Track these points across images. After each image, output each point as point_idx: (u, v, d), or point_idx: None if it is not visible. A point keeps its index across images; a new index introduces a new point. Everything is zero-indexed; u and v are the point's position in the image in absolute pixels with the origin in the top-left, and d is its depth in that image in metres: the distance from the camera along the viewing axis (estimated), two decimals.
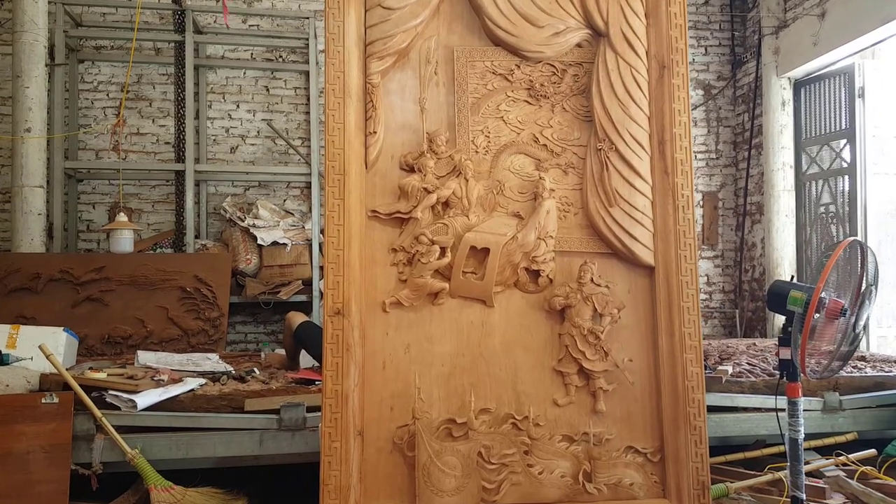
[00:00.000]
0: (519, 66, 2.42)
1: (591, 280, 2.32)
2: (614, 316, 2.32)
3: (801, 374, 2.30)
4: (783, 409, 2.60)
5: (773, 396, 3.12)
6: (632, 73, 2.38)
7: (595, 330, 2.30)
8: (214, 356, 4.02)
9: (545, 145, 2.41)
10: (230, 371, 3.54)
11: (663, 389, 2.32)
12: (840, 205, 5.04)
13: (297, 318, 3.76)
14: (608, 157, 2.35)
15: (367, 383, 2.27)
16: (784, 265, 5.33)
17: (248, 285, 5.12)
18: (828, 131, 5.24)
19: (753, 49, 5.78)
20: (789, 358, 2.29)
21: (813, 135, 5.37)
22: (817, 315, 2.17)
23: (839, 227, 5.02)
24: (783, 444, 3.11)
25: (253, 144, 5.83)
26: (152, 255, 4.99)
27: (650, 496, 2.28)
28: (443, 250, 2.30)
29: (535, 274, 2.36)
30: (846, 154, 5.01)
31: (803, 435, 2.31)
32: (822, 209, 5.28)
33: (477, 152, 2.39)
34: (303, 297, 5.26)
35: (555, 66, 2.44)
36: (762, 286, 5.68)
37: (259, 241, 5.19)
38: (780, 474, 2.77)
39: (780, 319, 5.35)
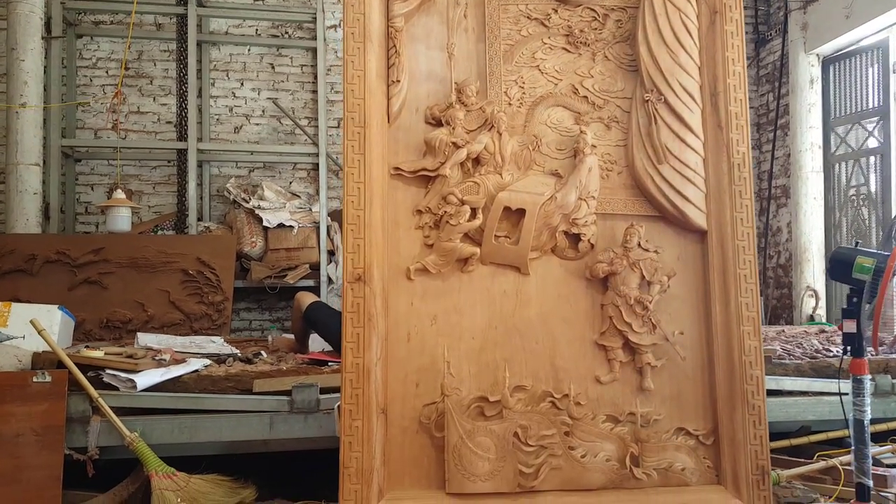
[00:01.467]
0: (556, 10, 2.20)
1: (639, 244, 2.10)
2: (664, 284, 2.10)
3: (869, 350, 2.09)
4: (830, 394, 2.39)
5: (820, 379, 2.91)
6: (681, 17, 2.16)
7: (642, 299, 2.08)
8: (219, 339, 3.80)
9: (586, 97, 2.19)
10: (236, 353, 3.33)
11: (717, 365, 2.10)
12: (873, 186, 4.81)
13: (307, 298, 3.55)
14: (656, 110, 2.13)
15: (391, 357, 2.05)
16: (812, 250, 5.11)
17: (254, 269, 4.91)
18: (859, 110, 5.01)
19: (779, 26, 5.55)
20: (855, 331, 2.07)
21: (843, 114, 5.15)
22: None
23: (871, 209, 4.80)
24: (830, 431, 2.90)
25: (258, 124, 5.61)
26: (153, 237, 4.77)
27: (703, 482, 2.07)
28: (473, 211, 2.08)
29: (575, 238, 2.14)
30: (879, 133, 4.79)
31: (870, 416, 2.09)
32: (852, 191, 5.05)
33: (510, 105, 2.16)
34: (310, 282, 5.04)
35: (595, 11, 2.22)
36: (788, 273, 5.46)
37: (265, 223, 4.97)
38: (835, 461, 2.55)
39: (808, 307, 5.15)
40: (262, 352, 3.38)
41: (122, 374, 2.60)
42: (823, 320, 4.98)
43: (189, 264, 4.62)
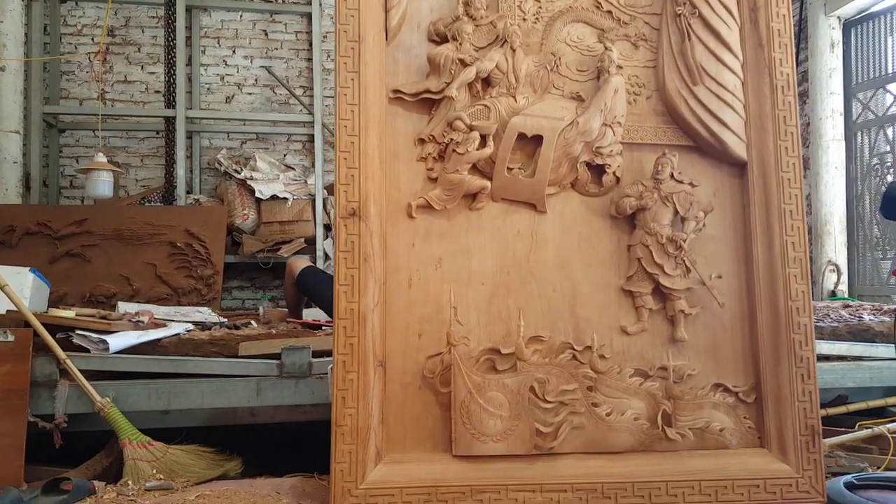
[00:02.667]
0: None
1: (671, 176, 1.86)
2: (699, 220, 1.86)
3: None
4: (871, 359, 2.16)
5: (860, 343, 2.67)
6: None
7: (676, 237, 1.83)
8: (207, 310, 3.57)
9: (610, 12, 1.93)
10: (223, 322, 3.09)
11: (760, 313, 1.86)
12: None
13: (300, 263, 3.31)
14: (690, 25, 1.88)
15: (390, 305, 1.81)
16: (833, 222, 4.86)
17: (245, 243, 4.66)
18: (882, 74, 4.76)
19: None
20: None
21: (865, 79, 4.90)
22: None
23: None
24: (869, 400, 2.66)
25: (250, 94, 5.36)
26: (139, 208, 4.54)
27: (744, 444, 1.82)
28: (483, 139, 1.84)
29: (599, 171, 1.89)
30: None
31: None
32: (875, 160, 4.80)
33: (525, 20, 1.92)
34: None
35: None
36: (807, 247, 5.20)
37: (257, 195, 4.73)
38: (882, 428, 2.31)
39: (830, 282, 4.90)
40: (253, 322, 3.14)
41: (94, 335, 2.36)
42: (846, 295, 4.73)
43: (177, 236, 4.38)
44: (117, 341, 2.34)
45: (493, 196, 1.87)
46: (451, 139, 1.82)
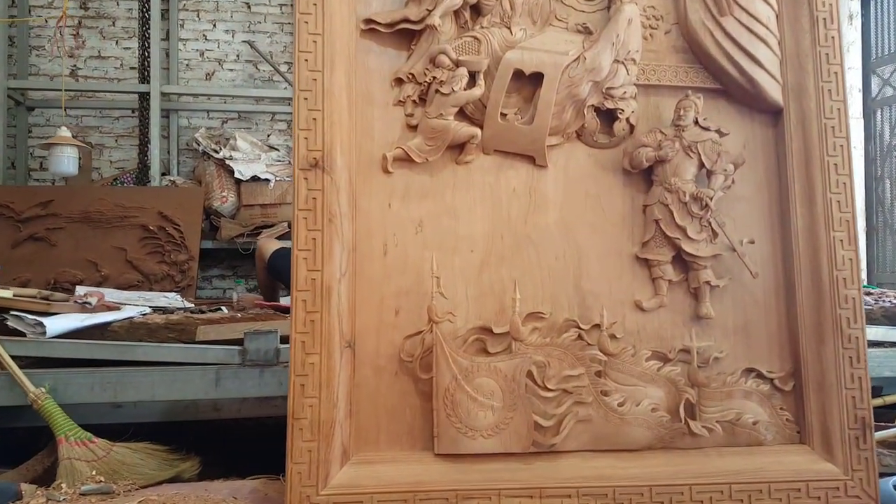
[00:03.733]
0: None
1: (696, 122, 1.57)
2: (728, 175, 1.57)
3: None
4: None
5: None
6: None
7: (701, 195, 1.54)
8: (174, 295, 3.28)
9: None
10: (188, 307, 2.80)
11: (799, 285, 1.57)
12: None
13: (271, 244, 3.03)
14: None
15: (361, 275, 1.52)
16: None
17: (224, 227, 4.37)
18: None
19: None
20: None
21: (885, 53, 4.61)
22: None
23: None
24: None
25: (231, 70, 5.06)
26: (109, 189, 4.24)
27: (781, 440, 1.54)
28: (472, 77, 1.55)
29: (609, 117, 1.60)
30: None
31: None
32: None
33: None
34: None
35: None
36: None
37: (237, 175, 4.43)
38: None
39: None
40: (224, 308, 2.85)
41: (30, 317, 2.07)
42: (864, 283, 4.46)
43: (150, 219, 4.08)
44: (56, 324, 2.05)
45: (484, 147, 1.58)
46: (434, 78, 1.53)
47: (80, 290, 2.90)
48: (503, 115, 1.56)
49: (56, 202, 4.03)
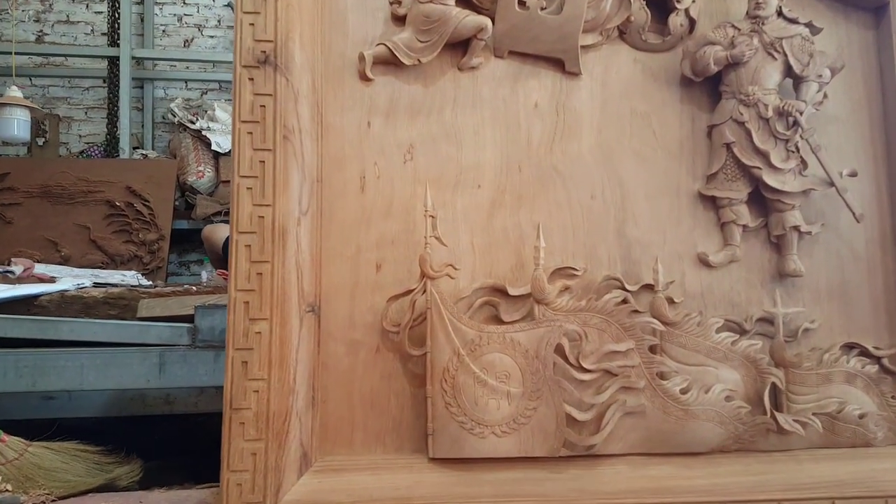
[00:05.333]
0: None
1: (779, 12, 1.17)
2: (823, 82, 1.17)
3: None
4: None
5: None
6: None
7: (790, 107, 1.14)
8: (132, 273, 2.88)
9: None
10: (145, 284, 2.41)
11: None
12: None
13: (220, 231, 2.68)
14: None
15: (331, 217, 1.12)
16: None
17: (199, 204, 3.96)
18: None
19: None
20: None
21: None
22: None
23: None
24: None
25: (212, 37, 4.64)
26: (71, 161, 3.84)
27: (894, 440, 1.15)
28: None
29: (662, 8, 1.21)
30: None
31: None
32: None
33: None
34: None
35: None
36: None
37: (214, 148, 4.03)
38: None
39: None
40: (194, 288, 2.45)
41: None
42: None
43: (116, 194, 3.68)
44: None
45: (496, 47, 1.18)
46: None
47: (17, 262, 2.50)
48: (521, 2, 1.16)
49: (13, 175, 3.63)
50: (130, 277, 2.64)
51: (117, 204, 3.64)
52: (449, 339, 1.04)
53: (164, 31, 4.61)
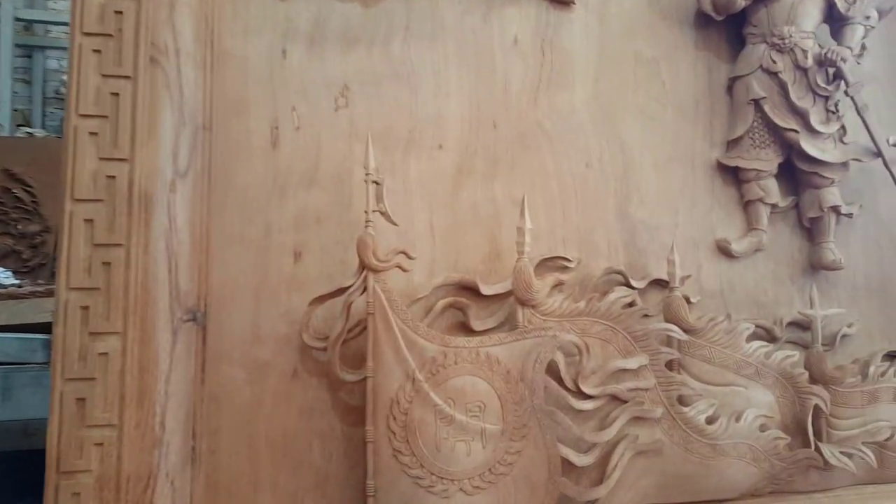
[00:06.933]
0: None
1: None
2: (869, 23, 0.94)
3: None
4: None
5: None
6: None
7: (832, 54, 0.90)
8: (4, 271, 2.38)
9: None
10: (16, 283, 1.95)
11: None
12: None
13: None
14: None
15: (225, 181, 0.78)
16: None
17: None
18: None
19: None
20: None
21: None
22: None
23: None
24: None
25: None
26: None
27: None
28: None
29: None
30: None
31: None
32: None
33: None
34: None
35: None
36: None
37: None
38: None
39: None
40: None
41: None
42: None
43: None
44: None
45: None
46: None
47: None
48: None
49: None
50: (2, 273, 2.15)
51: None
52: (400, 357, 0.73)
53: None
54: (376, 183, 0.76)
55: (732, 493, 0.83)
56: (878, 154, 0.92)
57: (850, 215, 0.94)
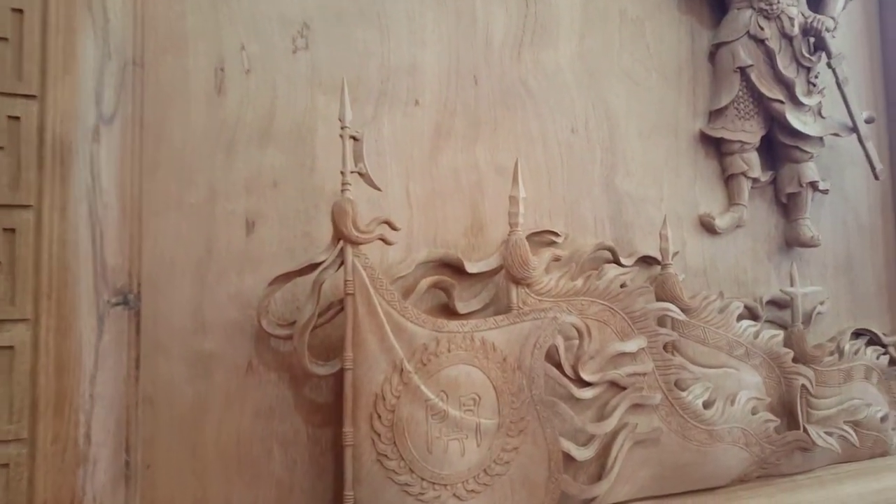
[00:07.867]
0: None
1: None
2: None
3: None
4: None
5: None
6: None
7: (817, 23, 0.87)
8: None
9: None
10: None
11: None
12: None
13: None
14: None
15: (160, 134, 0.63)
16: None
17: None
18: None
19: None
20: None
21: None
22: None
23: None
24: None
25: None
26: None
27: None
28: None
29: None
30: None
31: None
32: None
33: None
34: None
35: None
36: None
37: None
38: None
39: None
40: None
41: None
42: None
43: None
44: None
45: None
46: None
47: None
48: None
49: None
50: None
51: None
52: (385, 345, 0.61)
53: None
54: (354, 138, 0.64)
55: (724, 481, 0.80)
56: (854, 129, 0.92)
57: (826, 191, 0.93)
